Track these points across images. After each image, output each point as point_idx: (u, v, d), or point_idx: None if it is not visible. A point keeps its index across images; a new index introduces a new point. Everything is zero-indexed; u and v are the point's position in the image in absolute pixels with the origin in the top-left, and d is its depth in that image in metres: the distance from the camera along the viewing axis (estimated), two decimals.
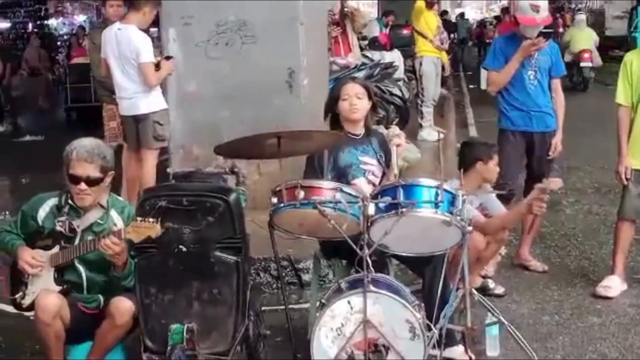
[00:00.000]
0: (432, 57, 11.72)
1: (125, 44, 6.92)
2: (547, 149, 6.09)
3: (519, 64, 5.96)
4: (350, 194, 4.12)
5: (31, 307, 4.36)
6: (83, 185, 4.28)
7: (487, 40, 22.49)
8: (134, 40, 6.90)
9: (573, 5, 33.75)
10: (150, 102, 7.02)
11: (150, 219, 4.01)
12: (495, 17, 29.66)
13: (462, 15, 37.14)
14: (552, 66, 6.09)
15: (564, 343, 5.02)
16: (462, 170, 5.04)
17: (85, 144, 4.35)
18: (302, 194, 4.05)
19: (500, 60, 6.08)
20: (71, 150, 4.32)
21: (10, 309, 4.64)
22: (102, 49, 7.18)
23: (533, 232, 6.36)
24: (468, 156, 5.52)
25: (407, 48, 13.76)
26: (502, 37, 6.49)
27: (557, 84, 6.18)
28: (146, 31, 7.23)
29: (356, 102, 4.80)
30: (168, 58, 7.09)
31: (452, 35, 11.91)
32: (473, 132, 12.66)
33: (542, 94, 6.07)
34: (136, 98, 7.01)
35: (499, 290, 5.76)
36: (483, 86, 5.88)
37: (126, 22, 7.03)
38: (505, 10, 23.57)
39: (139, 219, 4.04)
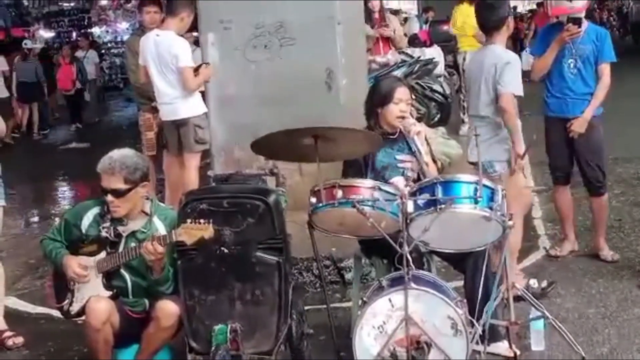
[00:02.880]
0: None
1: (164, 49, 7.00)
2: (591, 136, 6.03)
3: (557, 52, 5.92)
4: (388, 192, 4.13)
5: (79, 314, 4.45)
6: (110, 197, 4.34)
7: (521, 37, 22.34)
8: (173, 45, 6.98)
9: None
10: (190, 107, 7.10)
11: (202, 221, 4.05)
12: (530, 10, 29.01)
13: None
14: (597, 53, 5.98)
15: (610, 336, 4.97)
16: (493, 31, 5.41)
17: (111, 155, 4.40)
18: (340, 193, 4.08)
19: (543, 47, 6.05)
20: (99, 162, 4.38)
21: (57, 313, 4.71)
22: (140, 56, 7.26)
23: (601, 222, 6.41)
24: (495, 17, 5.51)
25: (448, 44, 13.70)
26: (548, 25, 6.45)
27: (603, 69, 6.01)
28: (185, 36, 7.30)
29: (405, 108, 4.80)
30: (206, 65, 7.15)
31: None
32: None
33: (582, 83, 5.99)
34: (176, 103, 7.08)
35: (544, 284, 5.67)
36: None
37: (164, 28, 7.11)
38: (540, 4, 23.60)
39: (189, 221, 4.09)
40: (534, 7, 27.95)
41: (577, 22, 5.81)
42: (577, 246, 6.51)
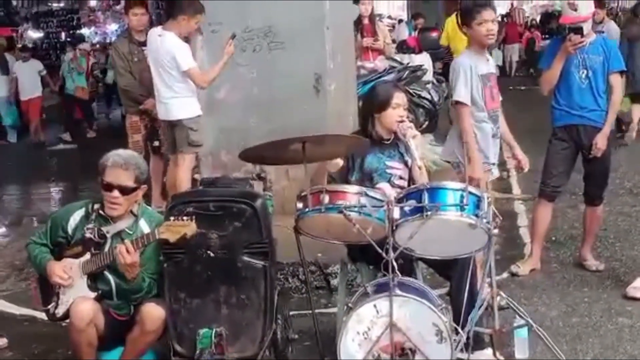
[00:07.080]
0: None
1: (162, 50, 6.98)
2: (603, 153, 6.02)
3: (563, 63, 5.92)
4: (375, 198, 4.14)
5: (65, 316, 4.42)
6: (116, 193, 4.31)
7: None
8: (170, 47, 6.92)
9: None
10: (183, 108, 7.07)
11: (185, 217, 4.04)
12: (502, 16, 28.10)
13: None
14: (607, 63, 5.97)
15: (593, 345, 4.98)
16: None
17: (122, 153, 4.44)
18: (327, 198, 4.08)
19: (550, 60, 6.05)
20: (107, 158, 4.38)
21: (42, 315, 4.69)
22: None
23: (591, 232, 6.44)
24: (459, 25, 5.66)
25: (436, 51, 13.70)
26: (556, 38, 6.45)
27: (613, 79, 5.99)
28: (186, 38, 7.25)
29: (403, 113, 4.80)
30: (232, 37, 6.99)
31: None
32: None
33: (591, 95, 5.97)
34: (170, 103, 7.07)
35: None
36: None
37: (167, 29, 7.05)
38: (507, 15, 24.51)
39: (172, 218, 4.08)
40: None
41: (578, 31, 5.82)
42: (539, 265, 6.42)
